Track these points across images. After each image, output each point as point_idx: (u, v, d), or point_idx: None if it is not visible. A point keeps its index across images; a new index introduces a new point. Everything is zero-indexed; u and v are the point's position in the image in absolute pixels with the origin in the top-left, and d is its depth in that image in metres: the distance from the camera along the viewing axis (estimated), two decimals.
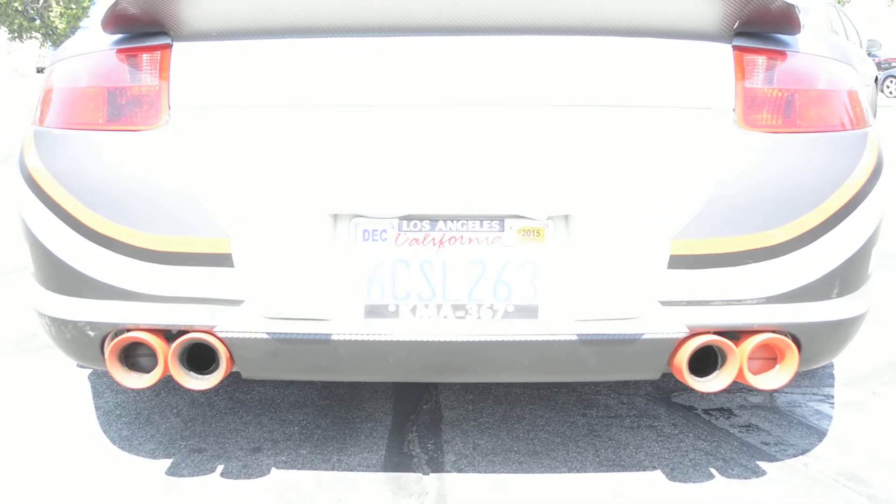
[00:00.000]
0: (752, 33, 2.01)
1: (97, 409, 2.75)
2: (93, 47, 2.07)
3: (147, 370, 2.05)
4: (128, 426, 2.62)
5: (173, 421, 2.65)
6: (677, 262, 1.93)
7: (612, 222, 1.90)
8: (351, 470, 2.33)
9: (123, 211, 1.95)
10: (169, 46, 1.99)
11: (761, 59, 1.99)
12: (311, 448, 2.46)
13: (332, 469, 2.34)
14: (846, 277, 2.03)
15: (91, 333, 2.03)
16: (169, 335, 2.02)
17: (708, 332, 1.98)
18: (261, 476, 2.30)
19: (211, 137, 1.94)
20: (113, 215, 1.95)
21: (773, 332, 2.00)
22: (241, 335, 1.97)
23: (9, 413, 2.73)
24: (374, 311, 1.96)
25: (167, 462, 2.38)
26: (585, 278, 1.93)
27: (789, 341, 2.00)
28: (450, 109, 1.91)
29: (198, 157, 1.94)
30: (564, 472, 2.32)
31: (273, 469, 2.34)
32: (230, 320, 1.96)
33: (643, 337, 1.96)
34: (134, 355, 2.06)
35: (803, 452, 2.45)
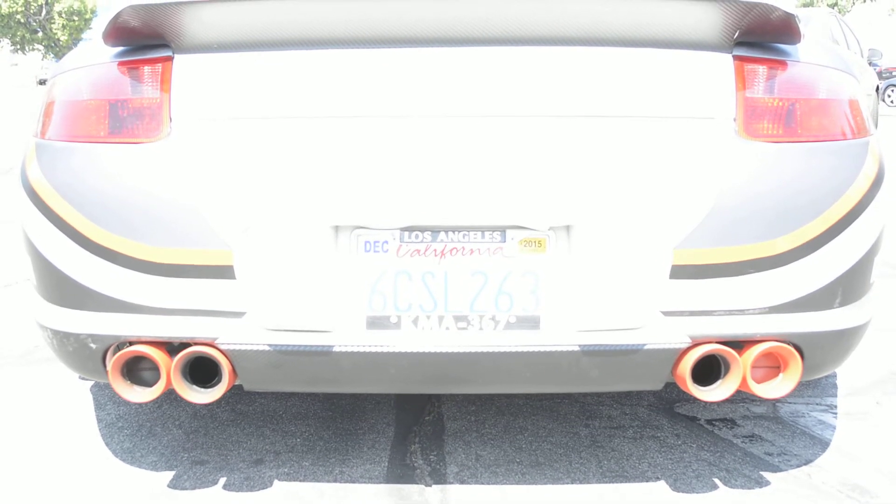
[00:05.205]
0: (752, 43, 2.01)
1: (99, 421, 2.74)
2: (94, 60, 2.07)
3: (149, 384, 2.04)
4: (130, 438, 2.61)
5: (175, 433, 2.65)
6: (679, 271, 1.93)
7: (614, 232, 1.90)
8: (353, 482, 2.32)
9: (125, 223, 1.95)
10: (170, 59, 1.99)
11: (762, 69, 1.99)
12: (313, 460, 2.46)
13: (335, 481, 2.33)
14: (849, 287, 2.03)
15: (93, 346, 2.03)
16: (171, 348, 2.02)
17: (711, 342, 1.98)
18: (263, 488, 2.29)
19: (212, 149, 1.94)
20: (114, 227, 1.95)
21: (776, 341, 2.00)
22: (244, 347, 1.97)
23: (11, 425, 2.73)
24: (375, 323, 1.96)
25: (169, 474, 2.37)
26: (587, 289, 1.92)
27: (792, 350, 2.00)
28: (451, 120, 1.92)
29: (199, 169, 1.94)
30: (567, 483, 2.31)
31: (275, 481, 2.33)
32: (232, 332, 1.96)
33: (646, 347, 1.96)
34: (136, 369, 2.06)
35: (807, 463, 2.44)
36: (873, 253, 2.07)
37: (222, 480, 2.33)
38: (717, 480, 2.33)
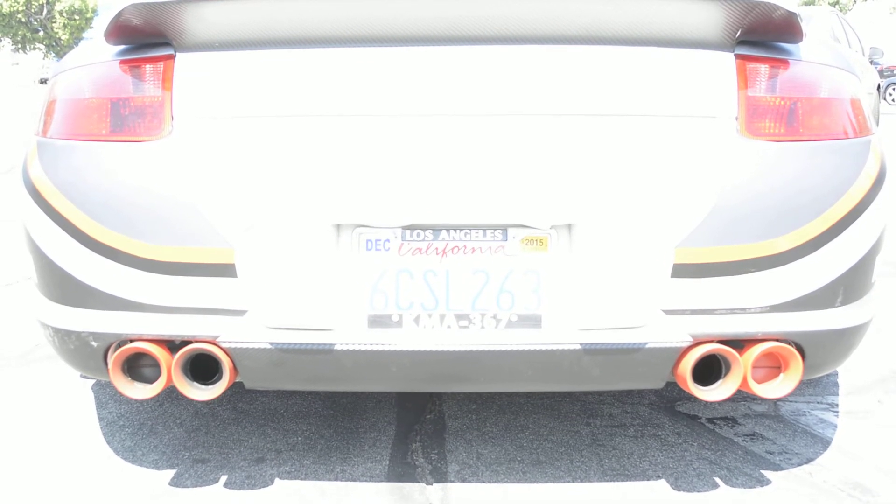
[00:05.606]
0: (754, 42, 2.01)
1: (100, 419, 2.75)
2: (96, 58, 2.07)
3: (150, 381, 2.05)
4: (131, 437, 2.61)
5: (176, 431, 2.65)
6: (681, 270, 1.93)
7: (616, 231, 1.90)
8: (354, 480, 2.33)
9: (127, 221, 1.95)
10: (172, 57, 1.99)
11: (764, 68, 1.99)
12: (314, 458, 2.46)
13: (336, 479, 2.33)
14: (850, 286, 2.02)
15: (94, 344, 2.03)
16: (172, 345, 2.02)
17: (712, 341, 1.98)
18: (264, 486, 2.30)
19: (214, 148, 1.94)
20: (116, 226, 1.95)
21: (777, 340, 2.00)
22: (245, 345, 1.97)
23: (12, 423, 2.73)
24: (377, 321, 1.96)
25: (170, 472, 2.37)
26: (589, 287, 1.92)
27: (793, 350, 1.99)
28: (453, 119, 1.91)
29: (201, 167, 1.94)
30: (568, 482, 2.31)
31: (276, 479, 2.33)
32: (233, 330, 1.96)
33: (647, 346, 1.96)
34: (137, 366, 2.06)
35: (808, 461, 2.44)
36: (875, 252, 2.07)
37: (223, 479, 2.34)
38: (717, 479, 2.33)
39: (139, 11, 1.88)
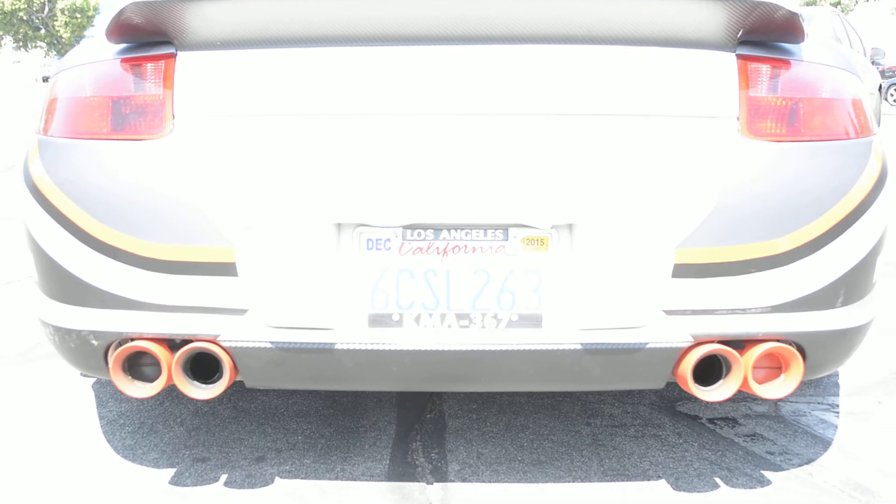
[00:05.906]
0: (756, 42, 2.01)
1: (101, 418, 2.75)
2: (97, 57, 2.07)
3: (151, 379, 2.05)
4: (131, 435, 2.61)
5: (177, 430, 2.65)
6: (682, 270, 1.92)
7: (617, 231, 1.90)
8: (354, 479, 2.33)
9: (127, 220, 1.95)
10: (173, 56, 1.99)
11: (765, 68, 1.99)
12: (314, 457, 2.46)
13: (336, 478, 2.33)
14: (851, 286, 2.02)
15: (95, 342, 2.03)
16: (173, 344, 2.02)
17: (712, 341, 1.97)
18: (264, 485, 2.30)
19: (215, 146, 1.94)
20: (117, 224, 1.95)
21: (778, 341, 1.99)
22: (245, 344, 1.97)
23: (12, 422, 2.73)
24: (377, 321, 1.96)
25: (171, 471, 2.37)
26: (590, 287, 1.92)
27: (794, 350, 1.99)
28: (454, 119, 1.91)
29: (202, 166, 1.94)
30: (569, 482, 2.31)
31: (276, 478, 2.33)
32: (234, 329, 1.96)
33: (647, 346, 1.96)
34: (138, 364, 2.06)
35: (808, 462, 2.44)
36: (876, 253, 2.06)
37: (224, 478, 2.34)
38: (718, 479, 2.32)
39: (140, 10, 1.88)
